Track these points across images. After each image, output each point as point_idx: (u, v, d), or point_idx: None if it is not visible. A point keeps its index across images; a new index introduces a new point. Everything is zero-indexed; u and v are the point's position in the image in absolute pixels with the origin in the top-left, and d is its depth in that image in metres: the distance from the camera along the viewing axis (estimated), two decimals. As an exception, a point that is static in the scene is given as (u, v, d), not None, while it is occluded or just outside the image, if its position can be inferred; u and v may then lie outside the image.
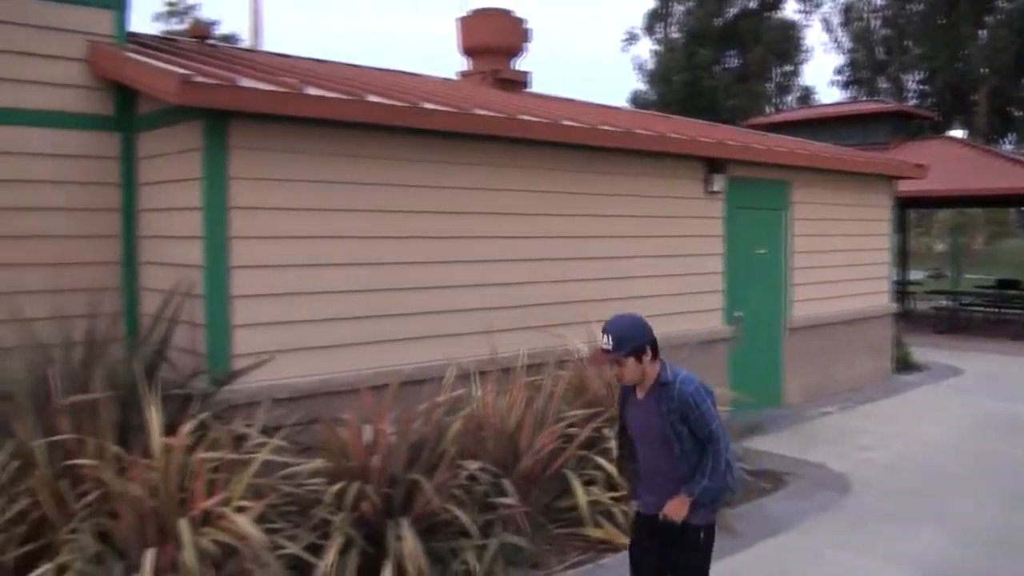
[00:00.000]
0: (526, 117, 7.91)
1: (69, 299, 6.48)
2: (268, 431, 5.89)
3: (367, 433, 6.04)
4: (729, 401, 8.46)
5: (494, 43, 12.98)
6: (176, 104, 6.22)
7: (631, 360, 4.52)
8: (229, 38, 27.99)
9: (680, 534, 4.66)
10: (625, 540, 6.48)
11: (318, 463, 5.84)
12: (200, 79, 6.13)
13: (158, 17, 37.67)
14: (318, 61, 10.67)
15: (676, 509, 4.60)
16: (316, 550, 5.41)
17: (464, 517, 5.87)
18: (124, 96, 7.35)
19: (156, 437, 5.37)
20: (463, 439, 6.43)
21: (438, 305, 7.52)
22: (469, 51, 13.28)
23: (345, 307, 6.96)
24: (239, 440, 5.72)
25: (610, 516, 6.65)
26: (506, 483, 6.28)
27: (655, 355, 4.60)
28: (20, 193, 6.95)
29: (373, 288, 7.13)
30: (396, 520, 5.68)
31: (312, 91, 6.62)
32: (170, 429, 5.46)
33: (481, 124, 7.54)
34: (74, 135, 7.19)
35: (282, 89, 6.53)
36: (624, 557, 6.37)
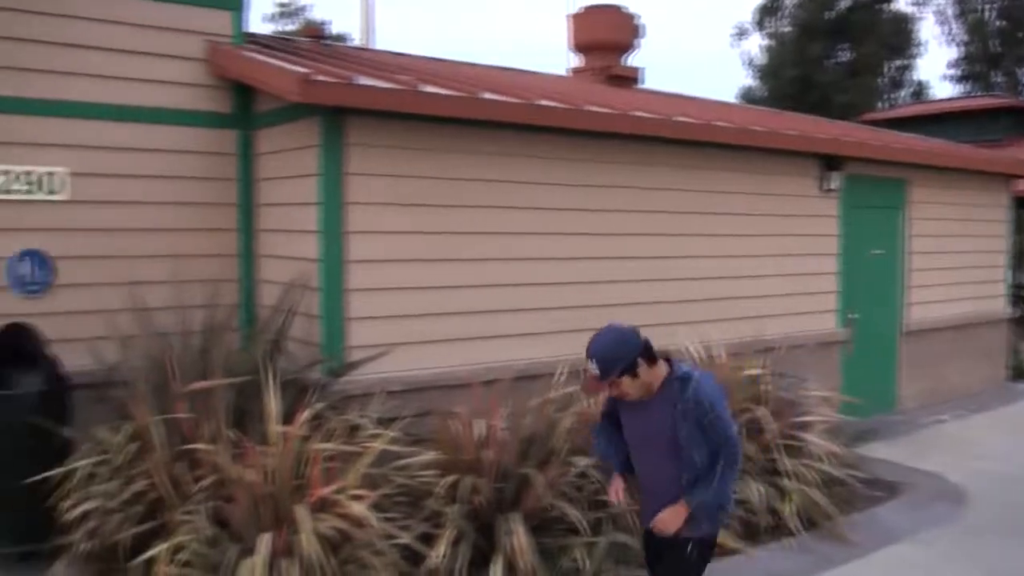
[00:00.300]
0: (639, 113, 7.86)
1: (189, 290, 6.65)
2: (382, 422, 5.96)
3: (479, 427, 6.07)
4: (841, 405, 8.27)
5: (606, 39, 12.88)
6: (295, 102, 6.34)
7: (626, 379, 4.22)
8: (340, 38, 28.42)
9: (669, 547, 4.39)
10: (735, 544, 6.42)
11: (431, 455, 5.88)
12: (320, 77, 6.25)
13: (270, 18, 38.57)
14: (430, 59, 10.76)
15: (669, 519, 4.32)
16: (427, 541, 5.45)
17: (574, 514, 5.84)
18: (242, 94, 7.52)
19: (274, 424, 5.48)
20: (573, 436, 6.40)
21: (548, 302, 7.52)
22: (581, 47, 13.22)
23: (456, 302, 7.00)
24: (353, 430, 5.80)
25: (719, 519, 6.56)
26: (619, 481, 6.23)
27: (652, 360, 4.28)
28: (144, 188, 7.18)
29: (484, 284, 7.16)
30: (506, 515, 5.69)
31: (427, 88, 6.68)
32: (286, 417, 5.57)
33: (594, 120, 7.51)
34: (194, 132, 7.39)
35: (398, 87, 6.61)
36: (731, 563, 6.34)
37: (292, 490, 5.26)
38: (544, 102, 7.23)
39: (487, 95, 6.92)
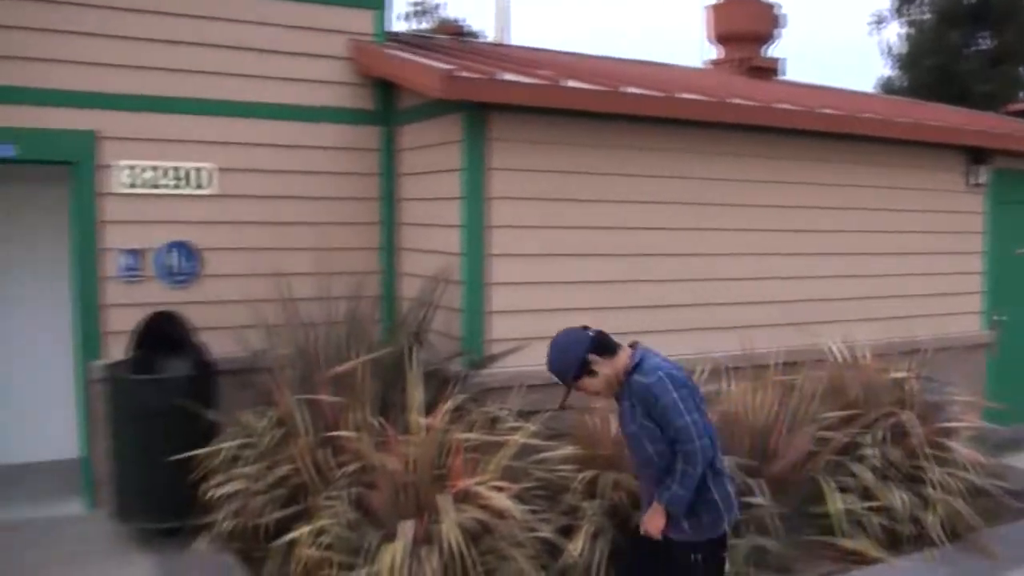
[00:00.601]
0: (783, 106, 7.67)
1: (333, 281, 6.75)
2: (521, 415, 5.93)
3: (616, 424, 5.99)
4: (984, 411, 7.90)
5: (745, 30, 12.57)
6: (438, 98, 6.39)
7: (586, 379, 4.20)
8: (473, 35, 28.61)
9: (668, 553, 4.21)
10: (877, 553, 6.20)
11: (569, 450, 5.83)
12: (463, 74, 6.29)
13: (404, 17, 39.11)
14: (566, 54, 10.70)
15: (650, 520, 4.20)
16: (564, 535, 5.41)
17: (712, 515, 5.72)
18: (385, 91, 7.63)
19: (416, 415, 5.50)
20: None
21: (690, 298, 7.39)
22: (720, 39, 12.96)
23: (597, 297, 6.93)
24: (493, 423, 5.79)
25: (863, 527, 6.34)
26: (757, 483, 6.08)
27: (607, 354, 4.23)
28: (289, 183, 7.35)
29: (625, 279, 7.08)
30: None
31: (570, 83, 6.65)
32: (428, 408, 5.59)
33: (736, 113, 7.35)
34: (338, 129, 7.53)
35: (541, 82, 6.59)
36: (872, 573, 6.12)
37: (433, 479, 5.28)
38: (685, 95, 7.12)
39: (629, 89, 6.85)
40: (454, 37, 10.31)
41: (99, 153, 6.82)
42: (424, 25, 29.00)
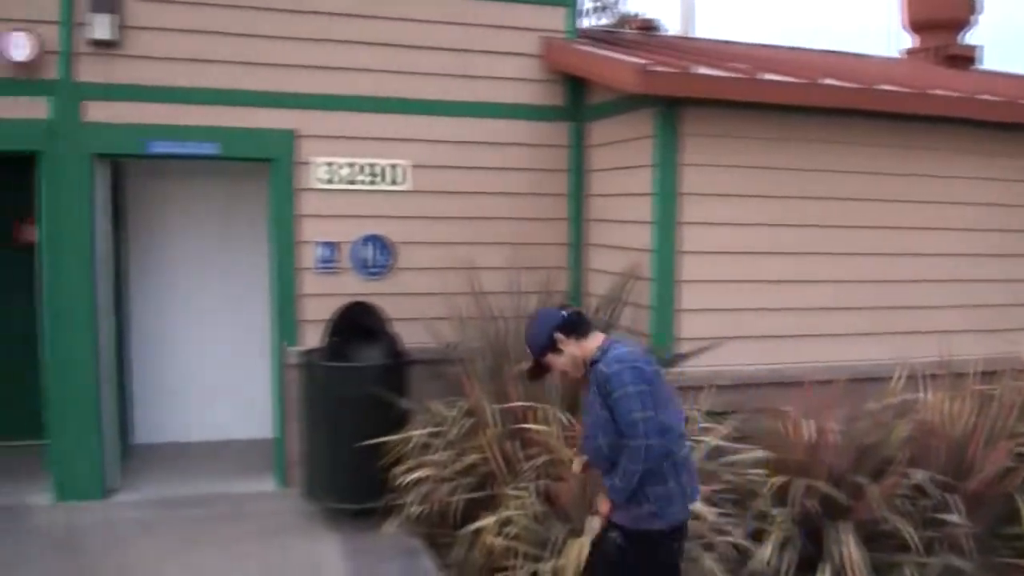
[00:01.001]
0: (986, 97, 7.22)
1: (523, 276, 6.81)
2: (712, 416, 5.84)
3: (808, 428, 5.82)
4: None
5: (942, 16, 11.88)
6: (632, 93, 6.36)
7: (551, 356, 4.15)
8: (655, 28, 28.17)
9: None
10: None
11: (760, 453, 5.69)
12: (657, 68, 6.23)
13: (584, 13, 39.01)
14: (756, 46, 10.39)
15: (600, 504, 4.16)
16: (752, 540, 5.29)
17: (907, 530, 5.46)
18: (575, 87, 7.64)
19: (603, 410, 5.48)
20: (910, 445, 6.00)
21: (886, 300, 7.10)
22: (915, 26, 12.34)
23: (788, 297, 6.77)
24: (683, 422, 5.71)
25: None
26: (953, 499, 5.78)
27: (576, 335, 4.14)
28: (482, 179, 7.48)
29: (817, 279, 6.88)
30: (836, 523, 5.41)
31: (766, 76, 6.50)
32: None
33: (938, 105, 6.99)
34: (529, 125, 7.61)
35: (736, 75, 6.48)
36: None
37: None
38: (885, 87, 6.83)
39: (827, 81, 6.63)
40: (641, 32, 10.22)
41: (297, 150, 7.12)
42: (604, 21, 28.80)
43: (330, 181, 7.18)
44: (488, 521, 5.30)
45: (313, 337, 7.02)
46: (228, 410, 8.29)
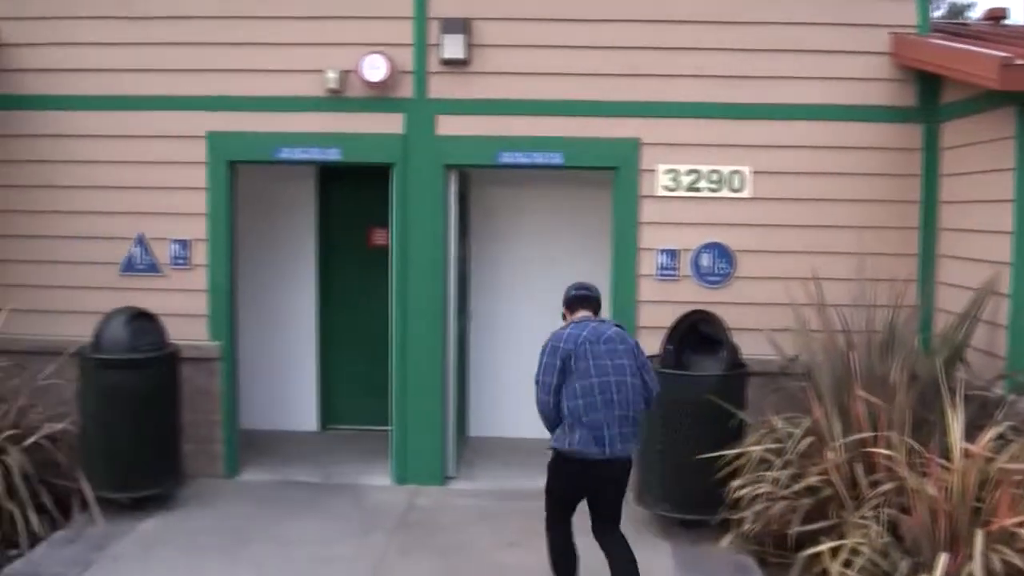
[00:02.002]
0: None
1: (870, 288, 6.52)
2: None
3: None
4: None
5: None
6: (988, 89, 5.91)
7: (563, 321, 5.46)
8: (1006, 18, 25.98)
9: None
10: None
11: None
12: (1018, 62, 5.73)
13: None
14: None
15: None
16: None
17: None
18: (927, 86, 7.21)
19: (956, 439, 5.15)
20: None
21: None
22: None
23: None
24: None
25: None
26: None
27: (569, 310, 5.48)
28: (825, 185, 7.24)
29: None
30: None
31: None
32: (967, 433, 5.22)
33: None
34: (875, 127, 7.28)
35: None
36: None
37: (971, 512, 4.91)
38: None
39: None
40: (992, 22, 9.45)
41: (641, 158, 7.23)
42: (938, 12, 26.97)
43: (673, 188, 7.24)
44: (827, 547, 5.13)
45: (649, 343, 7.02)
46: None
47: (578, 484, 5.26)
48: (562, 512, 5.36)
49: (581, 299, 5.41)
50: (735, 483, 5.95)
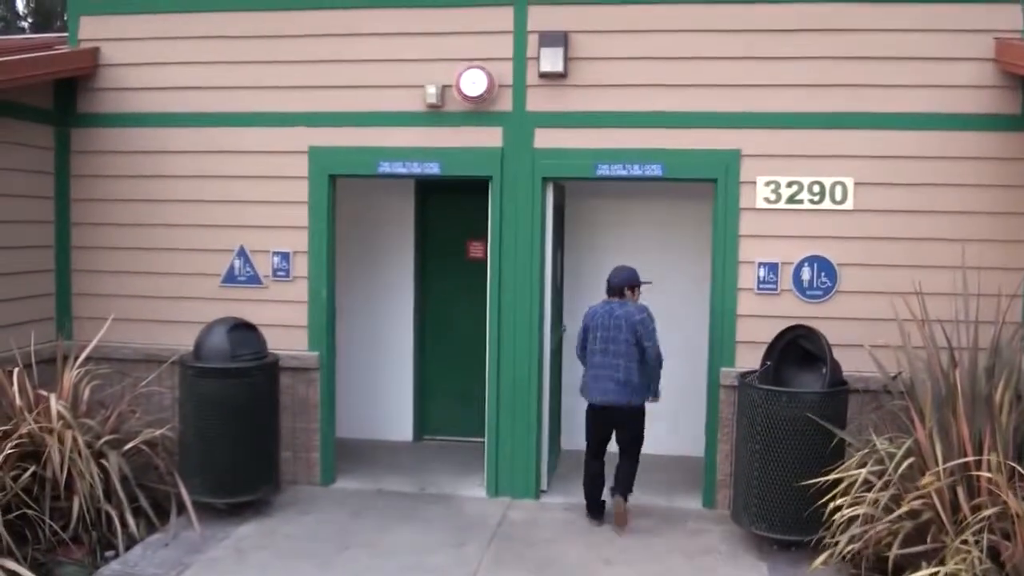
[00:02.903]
0: None
1: (973, 303, 6.30)
2: None
3: None
4: None
5: None
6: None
7: (628, 292, 7.02)
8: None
9: None
10: None
11: None
12: None
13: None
14: None
15: None
16: None
17: None
18: (1032, 93, 6.98)
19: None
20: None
21: None
22: None
23: None
24: None
25: None
26: None
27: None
28: (928, 196, 7.02)
29: None
30: None
31: None
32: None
33: None
34: (980, 136, 7.01)
35: None
36: None
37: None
38: None
39: None
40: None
41: (741, 170, 7.15)
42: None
43: (774, 200, 7.13)
44: (926, 573, 5.00)
45: (748, 358, 7.01)
46: (653, 425, 8.45)
47: (591, 423, 7.03)
48: (591, 446, 7.07)
49: (606, 288, 7.06)
50: (834, 504, 5.79)
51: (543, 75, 7.23)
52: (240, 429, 6.85)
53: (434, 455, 8.76)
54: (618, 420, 6.93)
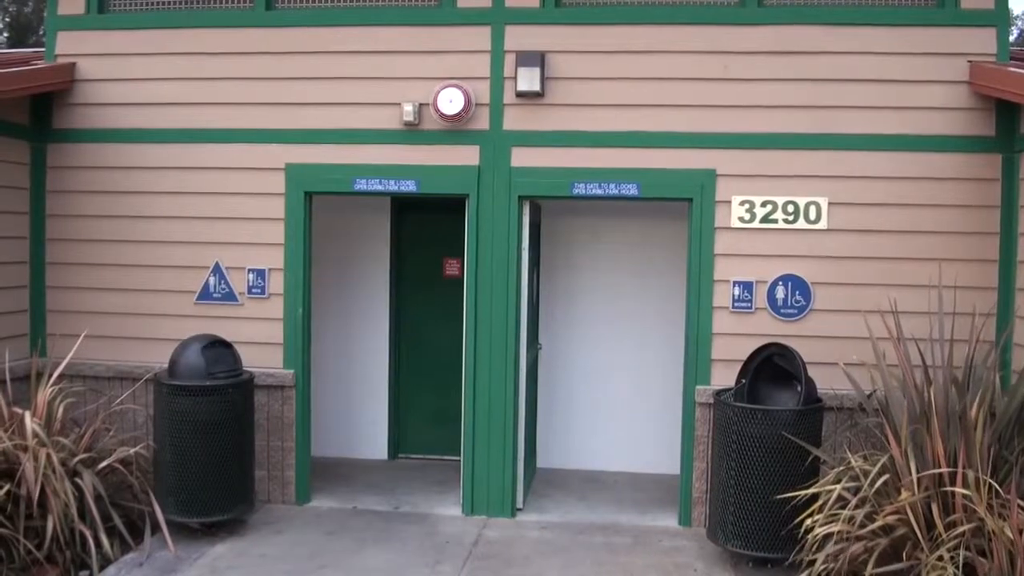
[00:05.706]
0: None
1: (946, 322, 6.36)
2: None
3: None
4: None
5: None
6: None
7: None
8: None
9: None
10: None
11: None
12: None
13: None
14: None
15: None
16: None
17: None
18: (1004, 115, 7.05)
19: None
20: None
21: None
22: None
23: None
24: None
25: None
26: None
27: None
28: (900, 216, 7.12)
29: None
30: None
31: None
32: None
33: None
34: (952, 158, 7.12)
35: None
36: None
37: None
38: None
39: None
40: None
41: (717, 190, 7.20)
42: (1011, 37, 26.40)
43: (748, 220, 7.19)
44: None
45: (722, 376, 7.05)
46: (628, 443, 8.55)
47: None
48: None
49: None
50: (809, 522, 5.82)
51: (520, 94, 7.27)
52: (215, 447, 6.80)
53: (409, 473, 8.74)
54: None
